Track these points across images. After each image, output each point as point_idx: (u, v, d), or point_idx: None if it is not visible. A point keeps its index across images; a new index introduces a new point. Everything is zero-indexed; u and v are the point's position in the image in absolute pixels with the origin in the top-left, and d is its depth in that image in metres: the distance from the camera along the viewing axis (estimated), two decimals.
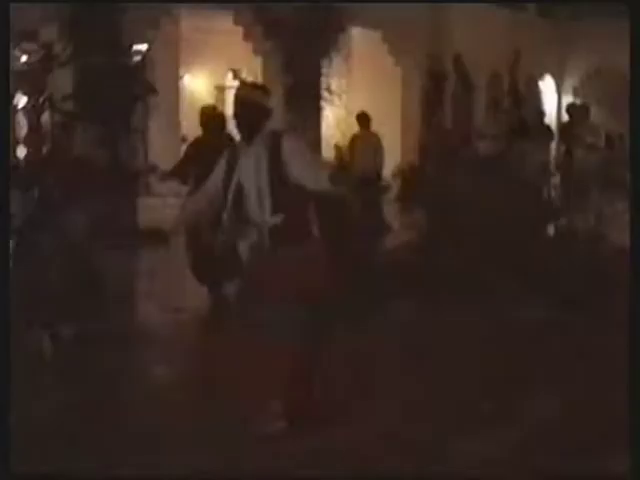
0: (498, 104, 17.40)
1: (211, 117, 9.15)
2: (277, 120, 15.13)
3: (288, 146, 5.08)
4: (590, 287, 8.56)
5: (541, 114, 20.08)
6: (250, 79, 23.09)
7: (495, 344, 7.61)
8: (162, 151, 18.78)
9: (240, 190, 5.15)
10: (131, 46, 13.35)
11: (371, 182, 14.46)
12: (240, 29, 16.46)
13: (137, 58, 14.54)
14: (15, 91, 17.95)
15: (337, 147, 19.65)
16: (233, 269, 8.09)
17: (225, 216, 5.20)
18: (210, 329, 8.36)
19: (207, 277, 8.87)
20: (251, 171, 5.09)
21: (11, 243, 10.07)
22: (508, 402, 6.06)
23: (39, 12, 13.20)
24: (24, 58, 17.76)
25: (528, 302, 8.74)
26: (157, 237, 12.25)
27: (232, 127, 5.63)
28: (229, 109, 17.75)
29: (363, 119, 14.91)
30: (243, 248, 5.46)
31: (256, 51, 16.63)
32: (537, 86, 26.72)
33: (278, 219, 5.07)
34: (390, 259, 10.41)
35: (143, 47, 15.56)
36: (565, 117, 15.08)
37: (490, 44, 21.68)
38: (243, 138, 5.19)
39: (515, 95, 22.53)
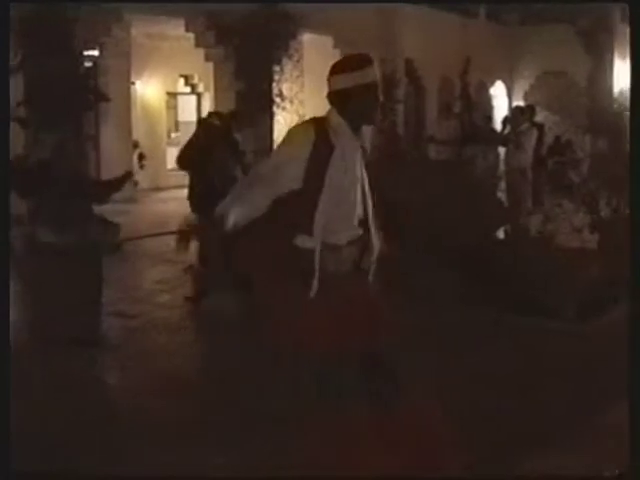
0: (450, 109, 17.52)
1: None
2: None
3: None
4: (541, 287, 8.69)
5: (490, 118, 20.32)
6: (201, 85, 23.21)
7: (447, 347, 7.70)
8: (114, 157, 18.74)
9: None
10: (82, 53, 13.31)
11: None
12: (192, 35, 16.47)
13: (89, 64, 14.52)
14: None
15: None
16: None
17: None
18: None
19: None
20: None
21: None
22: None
23: None
24: None
25: (479, 303, 8.85)
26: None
27: None
28: (180, 115, 17.75)
29: None
30: None
31: (208, 57, 16.64)
32: (487, 91, 26.96)
33: None
34: None
35: (95, 53, 15.54)
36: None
37: (441, 49, 21.88)
38: None
39: (466, 100, 22.74)
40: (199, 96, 24.14)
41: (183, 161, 9.62)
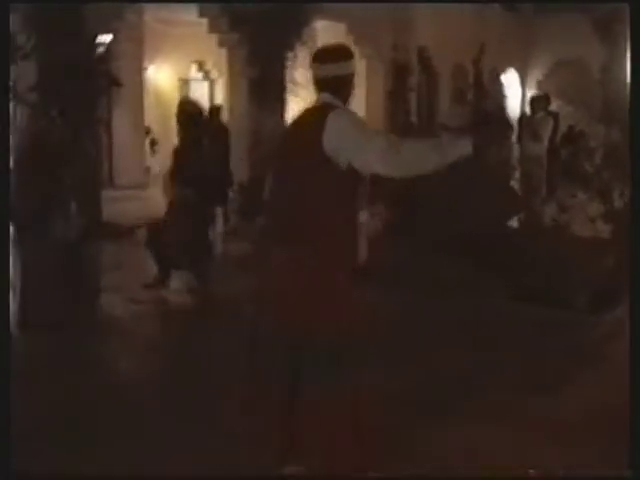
0: (462, 96, 17.45)
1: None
2: (241, 112, 15.13)
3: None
4: (554, 276, 8.67)
5: (503, 107, 20.24)
6: (215, 71, 23.15)
7: (462, 333, 7.71)
8: (126, 142, 18.75)
9: None
10: (95, 37, 13.24)
11: None
12: (205, 21, 16.40)
13: (101, 49, 14.46)
14: None
15: None
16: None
17: None
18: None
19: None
20: None
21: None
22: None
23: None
24: None
25: (493, 293, 8.83)
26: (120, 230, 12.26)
27: None
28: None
29: None
30: None
31: (221, 43, 16.56)
32: (500, 79, 26.84)
33: None
34: None
35: (107, 38, 15.47)
36: (527, 110, 15.23)
37: (455, 37, 21.77)
38: None
39: (479, 88, 22.65)
40: (212, 82, 24.09)
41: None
